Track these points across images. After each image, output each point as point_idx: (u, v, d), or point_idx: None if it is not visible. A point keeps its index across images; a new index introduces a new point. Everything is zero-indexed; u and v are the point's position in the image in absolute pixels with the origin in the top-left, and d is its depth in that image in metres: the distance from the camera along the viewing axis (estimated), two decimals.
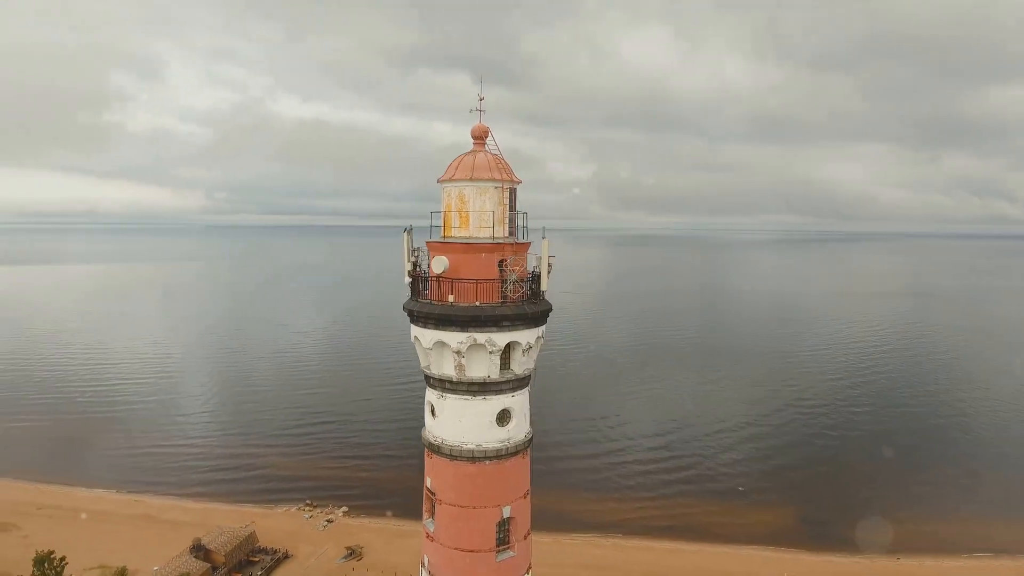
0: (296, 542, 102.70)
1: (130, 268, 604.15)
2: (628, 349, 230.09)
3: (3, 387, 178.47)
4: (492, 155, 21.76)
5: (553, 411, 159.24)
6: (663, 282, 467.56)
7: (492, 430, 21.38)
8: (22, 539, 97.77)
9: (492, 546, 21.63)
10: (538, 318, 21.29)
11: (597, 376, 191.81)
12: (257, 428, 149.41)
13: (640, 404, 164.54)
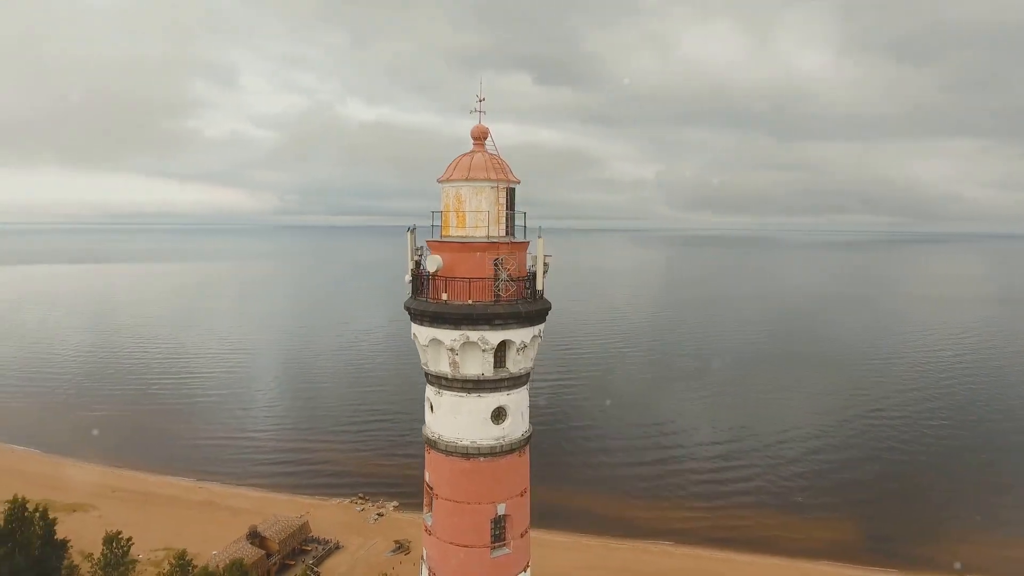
0: (347, 534, 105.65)
1: (207, 267, 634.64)
2: (690, 354, 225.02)
3: (87, 378, 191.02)
4: (490, 155, 21.99)
5: (612, 415, 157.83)
6: (729, 285, 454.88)
7: (487, 427, 21.60)
8: (97, 519, 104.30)
9: (487, 542, 21.86)
10: (533, 317, 21.31)
11: (658, 381, 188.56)
12: (317, 423, 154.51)
13: (701, 411, 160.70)
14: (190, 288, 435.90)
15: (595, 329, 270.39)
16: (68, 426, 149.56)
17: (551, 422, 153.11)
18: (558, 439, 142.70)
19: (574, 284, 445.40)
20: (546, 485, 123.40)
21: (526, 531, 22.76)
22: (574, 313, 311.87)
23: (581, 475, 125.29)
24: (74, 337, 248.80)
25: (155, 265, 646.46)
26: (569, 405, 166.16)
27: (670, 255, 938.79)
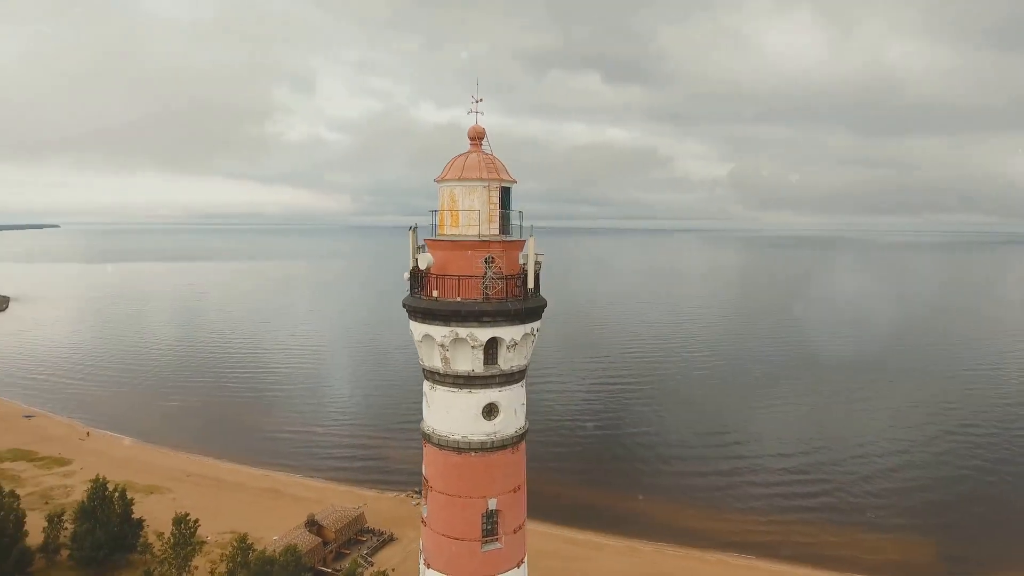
0: (402, 526, 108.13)
1: (285, 265, 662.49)
2: (764, 359, 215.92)
3: (171, 369, 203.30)
4: (484, 155, 22.33)
5: (676, 420, 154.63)
6: (807, 288, 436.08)
7: (478, 423, 21.94)
8: (171, 501, 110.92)
9: (477, 536, 22.17)
10: (523, 315, 21.46)
11: (727, 387, 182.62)
12: (378, 418, 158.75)
13: (773, 419, 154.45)
14: (269, 286, 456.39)
15: (662, 332, 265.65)
16: (152, 414, 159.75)
17: (611, 426, 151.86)
18: (618, 443, 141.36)
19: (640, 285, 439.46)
20: (603, 489, 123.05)
21: (520, 527, 22.93)
22: (639, 315, 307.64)
23: (640, 480, 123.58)
24: (162, 331, 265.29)
25: (239, 263, 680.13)
26: (630, 409, 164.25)
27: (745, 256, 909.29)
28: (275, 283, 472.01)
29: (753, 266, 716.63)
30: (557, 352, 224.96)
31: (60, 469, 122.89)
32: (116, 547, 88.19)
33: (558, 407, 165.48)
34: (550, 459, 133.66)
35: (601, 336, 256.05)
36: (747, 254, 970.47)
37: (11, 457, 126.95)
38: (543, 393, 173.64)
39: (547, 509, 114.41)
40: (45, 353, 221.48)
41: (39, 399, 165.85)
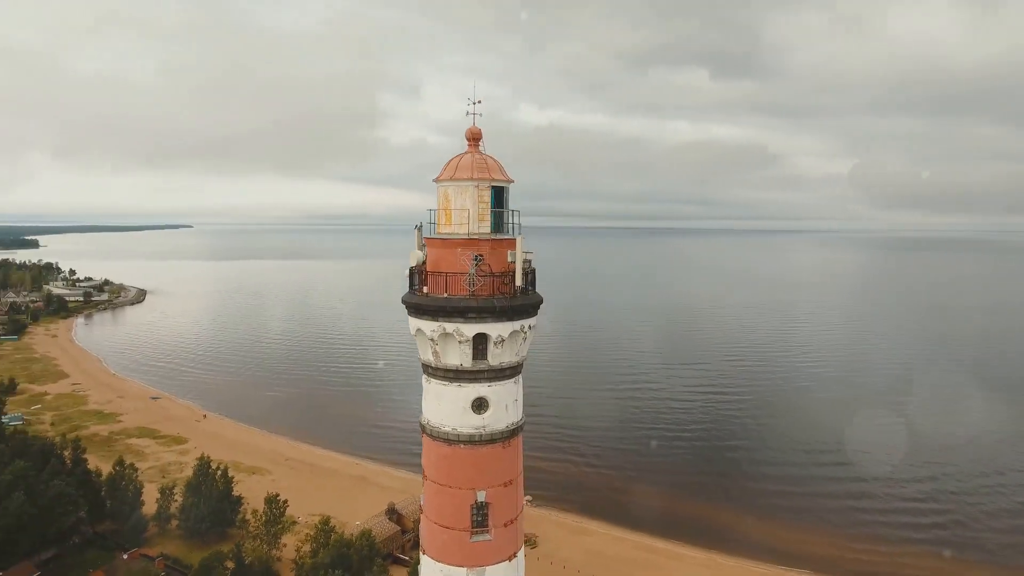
0: None
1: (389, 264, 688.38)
2: (889, 375, 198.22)
3: (277, 359, 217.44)
4: (477, 156, 22.80)
5: (785, 434, 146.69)
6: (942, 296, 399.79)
7: (467, 416, 22.45)
8: (270, 482, 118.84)
9: (467, 526, 22.67)
10: (509, 312, 21.71)
11: (842, 401, 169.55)
12: None
13: (890, 440, 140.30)
14: (373, 283, 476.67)
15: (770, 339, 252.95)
16: (260, 401, 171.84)
17: (706, 434, 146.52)
18: (711, 452, 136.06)
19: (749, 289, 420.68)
20: (689, 498, 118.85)
21: (512, 521, 23.17)
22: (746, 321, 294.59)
23: (732, 493, 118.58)
24: (273, 324, 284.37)
25: (345, 262, 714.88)
26: (727, 418, 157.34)
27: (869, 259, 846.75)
28: (378, 281, 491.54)
29: (876, 269, 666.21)
30: (655, 356, 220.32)
31: (178, 447, 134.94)
32: (217, 521, 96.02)
33: (652, 412, 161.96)
34: (636, 465, 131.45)
35: (702, 342, 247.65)
36: (870, 256, 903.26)
37: (138, 434, 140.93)
38: (640, 400, 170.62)
39: (627, 514, 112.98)
40: (172, 341, 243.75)
41: (165, 383, 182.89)
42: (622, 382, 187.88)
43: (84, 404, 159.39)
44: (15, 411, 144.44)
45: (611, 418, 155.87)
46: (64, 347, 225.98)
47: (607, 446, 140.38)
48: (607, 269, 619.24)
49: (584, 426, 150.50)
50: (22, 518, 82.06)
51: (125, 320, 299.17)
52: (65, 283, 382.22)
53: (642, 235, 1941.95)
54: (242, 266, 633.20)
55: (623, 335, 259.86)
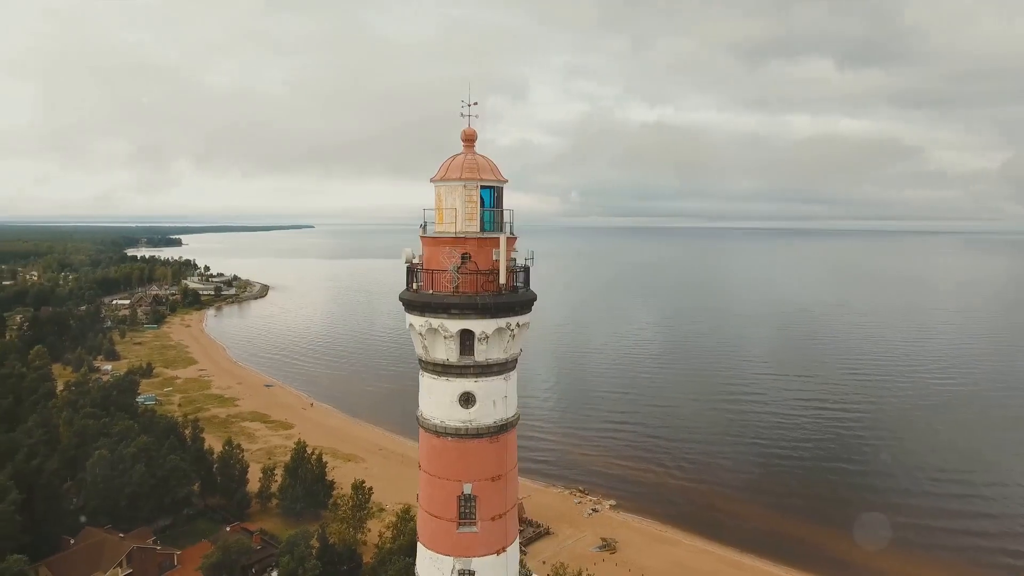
0: (560, 522, 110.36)
1: None
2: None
3: (379, 354, 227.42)
4: (470, 157, 23.16)
5: (920, 458, 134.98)
6: None
7: (455, 410, 22.91)
8: (363, 469, 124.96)
9: (453, 517, 23.12)
10: (493, 310, 21.93)
11: (988, 422, 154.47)
12: (559, 414, 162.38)
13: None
14: None
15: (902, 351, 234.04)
16: (362, 393, 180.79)
17: (827, 453, 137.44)
18: (832, 472, 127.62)
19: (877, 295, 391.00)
20: (800, 520, 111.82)
21: (500, 516, 23.38)
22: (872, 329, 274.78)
23: (854, 518, 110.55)
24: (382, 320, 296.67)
25: None
26: (852, 437, 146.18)
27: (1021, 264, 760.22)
28: None
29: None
30: (764, 365, 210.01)
31: (284, 432, 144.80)
32: (311, 502, 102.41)
33: (755, 423, 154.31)
34: (732, 477, 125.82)
35: (820, 351, 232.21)
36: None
37: (251, 418, 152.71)
38: (741, 410, 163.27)
39: (714, 526, 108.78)
40: (287, 334, 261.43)
41: (278, 371, 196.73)
42: (724, 391, 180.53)
43: (208, 388, 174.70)
44: (149, 392, 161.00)
45: (708, 427, 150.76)
46: (195, 336, 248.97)
47: (702, 456, 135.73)
48: (720, 272, 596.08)
49: (679, 435, 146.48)
50: (143, 487, 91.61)
51: (249, 313, 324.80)
52: (200, 278, 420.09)
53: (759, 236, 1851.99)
54: (356, 264, 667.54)
55: (731, 341, 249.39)
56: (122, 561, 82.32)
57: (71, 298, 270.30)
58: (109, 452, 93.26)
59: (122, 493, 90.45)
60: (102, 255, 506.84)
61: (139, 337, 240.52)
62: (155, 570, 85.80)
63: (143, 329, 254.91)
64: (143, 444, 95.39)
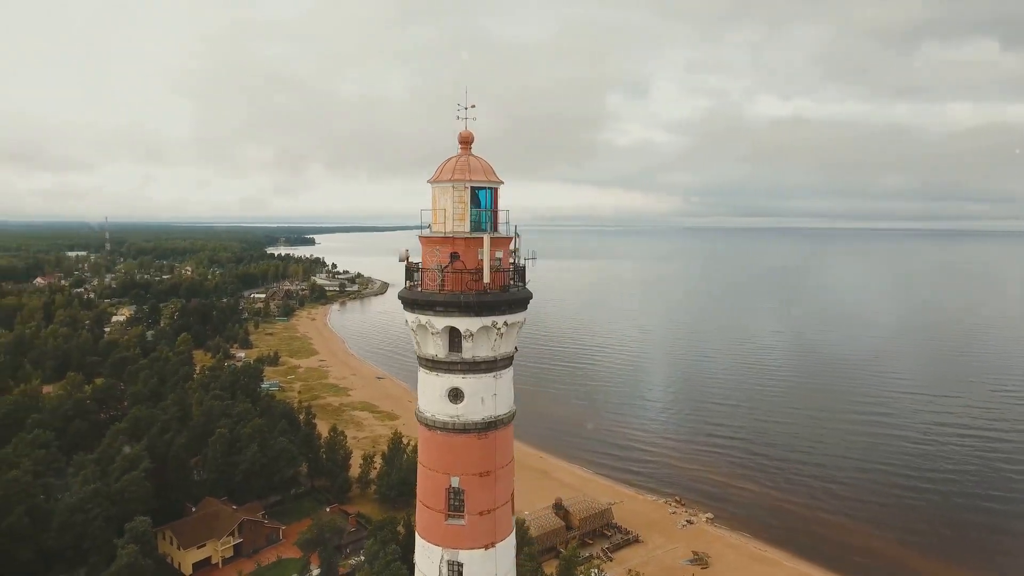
0: (650, 531, 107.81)
1: (614, 265, 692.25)
2: None
3: None
4: (462, 158, 23.49)
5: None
6: None
7: (444, 404, 23.41)
8: None
9: (442, 508, 23.60)
10: (477, 308, 22.16)
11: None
12: (664, 420, 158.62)
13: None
14: (598, 284, 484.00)
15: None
16: None
17: (960, 483, 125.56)
18: (966, 506, 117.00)
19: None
20: (926, 555, 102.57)
21: (489, 512, 23.54)
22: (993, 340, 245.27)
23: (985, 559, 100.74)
24: None
25: (574, 261, 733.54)
26: (1003, 469, 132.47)
27: None
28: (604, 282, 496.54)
29: None
30: (904, 383, 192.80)
31: (390, 422, 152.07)
32: (404, 490, 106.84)
33: (884, 446, 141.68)
34: (847, 502, 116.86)
35: (976, 371, 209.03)
36: None
37: (361, 407, 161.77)
38: (869, 431, 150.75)
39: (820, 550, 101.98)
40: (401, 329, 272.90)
41: (390, 365, 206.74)
42: (851, 409, 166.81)
43: (325, 378, 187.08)
44: (274, 379, 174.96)
45: (827, 447, 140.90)
46: (319, 329, 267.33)
47: (816, 477, 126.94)
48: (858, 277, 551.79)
49: (793, 453, 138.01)
50: (255, 465, 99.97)
51: (368, 309, 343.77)
52: (327, 275, 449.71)
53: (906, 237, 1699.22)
54: None
55: (865, 354, 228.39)
56: (234, 530, 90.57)
57: (216, 291, 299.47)
58: (228, 431, 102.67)
59: (237, 469, 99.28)
60: (245, 253, 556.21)
61: (270, 328, 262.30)
62: (262, 541, 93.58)
63: (274, 321, 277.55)
64: (257, 426, 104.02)
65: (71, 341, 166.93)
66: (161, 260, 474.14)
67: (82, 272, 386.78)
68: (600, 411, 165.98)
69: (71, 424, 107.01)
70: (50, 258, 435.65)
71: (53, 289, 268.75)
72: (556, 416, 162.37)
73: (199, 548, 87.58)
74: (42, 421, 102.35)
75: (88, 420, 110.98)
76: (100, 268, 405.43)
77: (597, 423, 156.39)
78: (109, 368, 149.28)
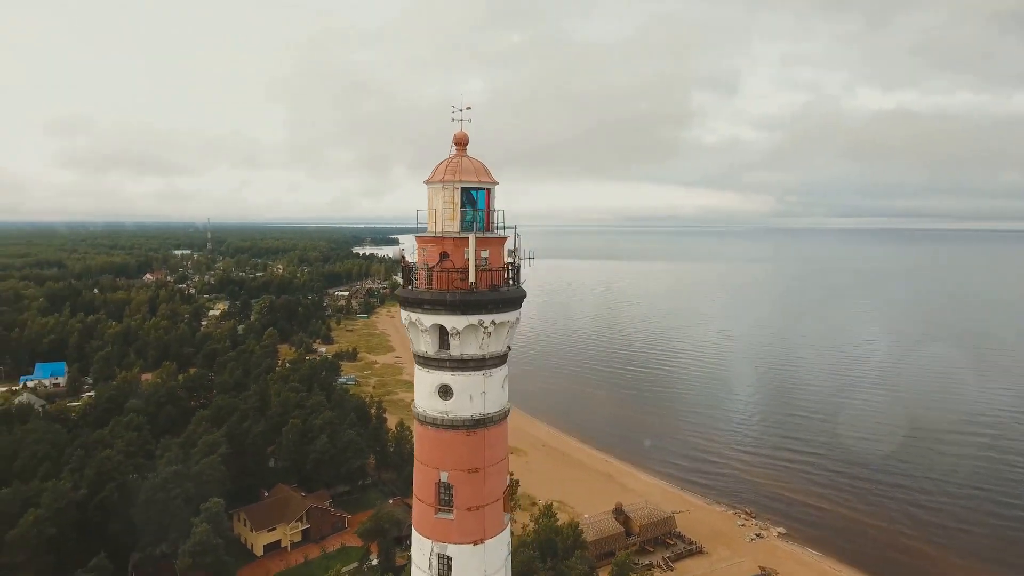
0: (715, 543, 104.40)
1: (701, 267, 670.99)
2: None
3: (564, 354, 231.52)
4: (455, 160, 23.64)
5: None
6: None
7: (434, 400, 23.71)
8: (524, 463, 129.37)
9: (432, 502, 23.89)
10: (462, 306, 22.26)
11: None
12: (742, 430, 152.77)
13: None
14: (683, 286, 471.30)
15: None
16: (534, 388, 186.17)
17: None
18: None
19: None
20: None
21: (477, 508, 23.64)
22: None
23: None
24: (573, 322, 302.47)
25: (657, 263, 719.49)
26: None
27: None
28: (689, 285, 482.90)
29: None
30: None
31: None
32: None
33: (1012, 478, 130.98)
34: (964, 536, 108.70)
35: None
36: None
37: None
38: (1002, 462, 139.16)
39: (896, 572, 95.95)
40: None
41: None
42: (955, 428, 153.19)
43: (400, 374, 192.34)
44: (351, 373, 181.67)
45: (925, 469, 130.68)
46: (397, 327, 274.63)
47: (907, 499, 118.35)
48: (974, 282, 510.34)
49: (882, 472, 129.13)
50: (324, 455, 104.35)
51: None
52: None
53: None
54: (554, 264, 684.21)
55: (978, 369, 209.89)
56: (302, 516, 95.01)
57: (303, 289, 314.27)
58: (301, 422, 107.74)
59: (308, 459, 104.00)
60: (332, 252, 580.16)
61: (351, 325, 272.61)
62: (328, 528, 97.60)
63: (355, 318, 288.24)
64: (328, 418, 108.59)
65: (170, 333, 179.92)
66: (256, 258, 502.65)
67: (185, 269, 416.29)
68: (673, 417, 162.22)
69: (163, 409, 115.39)
70: (159, 256, 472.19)
71: (159, 285, 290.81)
72: (626, 420, 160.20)
73: (270, 531, 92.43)
74: (137, 406, 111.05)
75: (178, 406, 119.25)
76: (201, 266, 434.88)
77: (668, 429, 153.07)
78: (201, 359, 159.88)
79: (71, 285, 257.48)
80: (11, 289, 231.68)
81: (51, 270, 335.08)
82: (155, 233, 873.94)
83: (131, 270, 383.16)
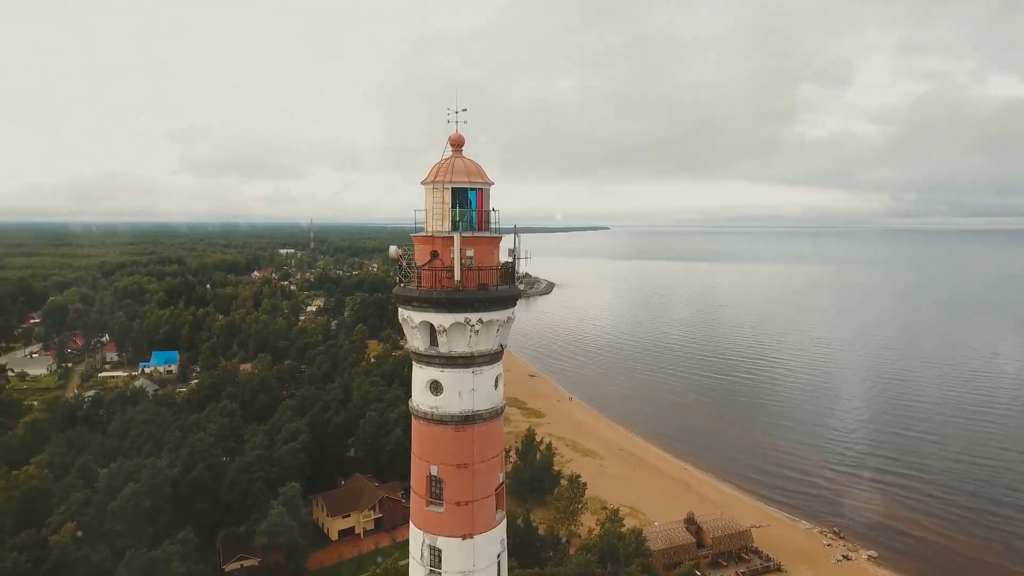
0: (797, 561, 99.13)
1: (806, 269, 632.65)
2: None
3: (647, 357, 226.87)
4: (448, 160, 23.80)
5: None
6: None
7: (425, 395, 24.05)
8: (599, 466, 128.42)
9: (423, 494, 24.29)
10: (449, 304, 22.43)
11: None
12: (834, 444, 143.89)
13: None
14: (783, 290, 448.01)
15: None
16: (616, 392, 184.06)
17: None
18: None
19: None
20: None
21: (465, 503, 23.70)
22: None
23: None
24: (661, 324, 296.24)
25: (755, 265, 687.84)
26: None
27: None
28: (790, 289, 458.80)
29: None
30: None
31: (535, 419, 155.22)
32: (534, 487, 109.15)
33: None
34: None
35: None
36: None
37: (509, 403, 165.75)
38: None
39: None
40: (561, 330, 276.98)
41: (543, 364, 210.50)
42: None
43: None
44: None
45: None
46: None
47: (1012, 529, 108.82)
48: None
49: (994, 499, 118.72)
50: (399, 448, 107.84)
51: (531, 307, 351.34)
52: None
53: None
54: (646, 265, 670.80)
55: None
56: (375, 505, 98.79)
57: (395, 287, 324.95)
58: (378, 415, 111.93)
59: (383, 451, 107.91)
60: None
61: None
62: (399, 518, 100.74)
63: None
64: (403, 412, 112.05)
65: (269, 327, 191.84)
66: (353, 257, 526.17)
67: (289, 267, 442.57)
68: (760, 429, 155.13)
69: (256, 398, 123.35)
70: (266, 254, 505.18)
71: (264, 281, 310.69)
72: (710, 429, 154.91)
73: (344, 518, 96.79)
74: (233, 394, 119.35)
75: (270, 395, 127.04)
76: (303, 264, 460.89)
77: (754, 440, 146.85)
78: (295, 352, 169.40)
79: (187, 280, 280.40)
80: (136, 284, 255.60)
81: (171, 266, 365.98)
82: (264, 233, 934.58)
83: (241, 267, 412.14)
